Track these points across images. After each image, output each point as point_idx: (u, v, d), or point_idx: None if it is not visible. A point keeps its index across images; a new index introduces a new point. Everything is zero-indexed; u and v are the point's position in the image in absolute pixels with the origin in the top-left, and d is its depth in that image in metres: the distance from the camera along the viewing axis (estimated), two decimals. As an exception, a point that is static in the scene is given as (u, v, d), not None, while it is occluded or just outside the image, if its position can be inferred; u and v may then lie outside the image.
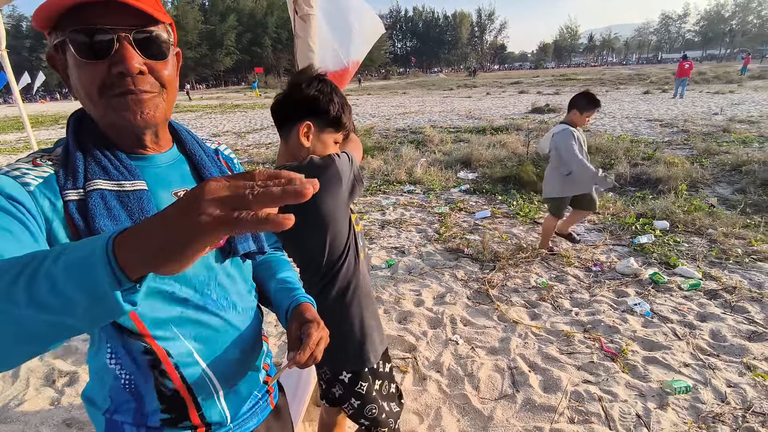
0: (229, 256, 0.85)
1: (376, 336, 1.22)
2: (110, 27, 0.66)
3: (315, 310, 0.92)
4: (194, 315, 0.79)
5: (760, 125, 9.21)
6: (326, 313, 1.20)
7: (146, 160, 0.79)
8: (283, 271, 1.01)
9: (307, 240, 1.11)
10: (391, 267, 3.65)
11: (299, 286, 0.98)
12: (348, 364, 1.21)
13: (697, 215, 4.35)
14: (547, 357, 2.43)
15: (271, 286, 0.98)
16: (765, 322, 2.68)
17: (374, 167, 7.11)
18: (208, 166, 0.86)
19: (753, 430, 1.89)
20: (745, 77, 24.22)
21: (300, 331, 0.85)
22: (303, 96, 1.11)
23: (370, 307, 1.21)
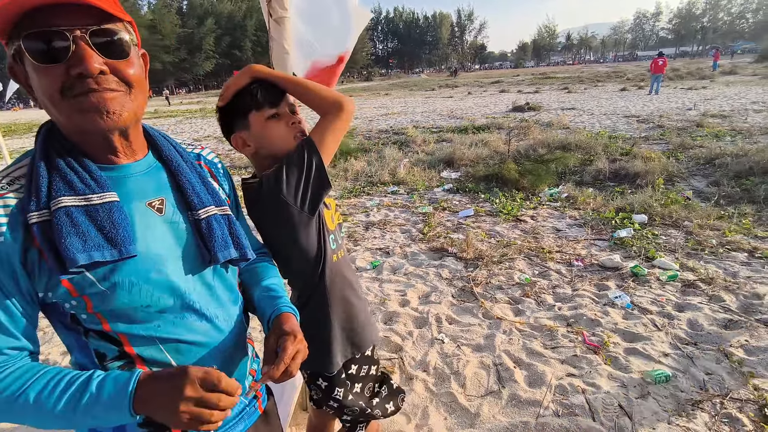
0: (209, 264, 0.82)
1: (356, 338, 1.21)
2: (65, 28, 0.64)
3: (295, 321, 0.90)
4: (173, 326, 0.77)
5: (732, 119, 9.49)
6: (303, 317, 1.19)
7: (118, 170, 0.76)
8: (268, 278, 0.99)
9: (279, 250, 1.09)
10: (376, 268, 3.65)
11: (283, 294, 0.95)
12: (319, 369, 1.20)
13: (673, 208, 4.45)
14: (532, 352, 2.46)
15: (255, 294, 0.96)
16: (740, 310, 2.76)
17: (358, 169, 7.10)
18: (186, 173, 0.84)
19: (731, 416, 1.94)
20: (717, 73, 24.95)
21: (277, 344, 0.83)
22: (219, 117, 1.08)
23: (348, 310, 1.19)
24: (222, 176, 0.96)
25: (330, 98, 1.04)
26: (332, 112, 1.03)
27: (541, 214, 4.70)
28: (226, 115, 1.06)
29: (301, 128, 1.08)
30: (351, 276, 1.22)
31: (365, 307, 1.29)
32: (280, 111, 1.05)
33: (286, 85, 1.06)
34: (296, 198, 0.99)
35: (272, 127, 1.04)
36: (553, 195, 5.32)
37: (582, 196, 5.11)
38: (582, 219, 4.50)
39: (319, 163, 1.00)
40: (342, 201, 5.61)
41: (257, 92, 1.02)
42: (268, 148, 1.06)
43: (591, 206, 4.80)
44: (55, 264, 0.66)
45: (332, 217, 1.17)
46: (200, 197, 0.83)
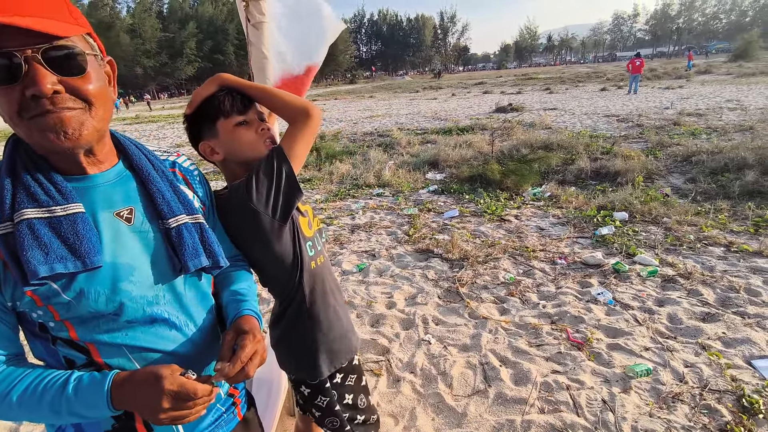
0: (180, 273, 0.82)
1: (338, 344, 1.21)
2: (15, 49, 0.62)
3: (257, 324, 0.88)
4: (141, 335, 0.77)
5: (707, 118, 9.74)
6: (281, 324, 1.18)
7: (85, 180, 0.76)
8: (239, 282, 0.98)
9: (254, 258, 1.09)
10: (363, 271, 3.65)
11: (249, 299, 0.94)
12: (304, 376, 1.20)
13: (653, 205, 4.55)
14: (517, 350, 2.49)
15: (223, 298, 0.95)
16: (717, 303, 2.83)
17: (343, 172, 7.10)
18: (156, 181, 0.83)
19: (710, 407, 1.99)
20: (692, 72, 25.59)
21: (235, 341, 0.81)
22: (186, 125, 1.07)
23: (329, 316, 1.19)
24: (197, 183, 0.95)
25: (297, 105, 1.05)
26: (300, 120, 1.04)
27: (525, 214, 4.76)
28: (194, 123, 1.06)
29: (270, 135, 1.08)
30: (331, 282, 1.22)
31: (346, 312, 1.29)
32: (248, 118, 1.06)
33: (253, 93, 1.07)
34: (267, 206, 0.99)
35: (241, 134, 1.04)
36: (537, 194, 5.40)
37: (564, 194, 5.19)
38: (565, 217, 4.57)
39: (289, 171, 1.00)
40: (327, 204, 5.60)
41: (225, 100, 1.03)
42: (237, 156, 1.06)
43: (573, 205, 4.87)
44: (19, 276, 0.67)
45: (309, 224, 1.17)
46: (170, 206, 0.82)
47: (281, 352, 1.21)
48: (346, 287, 3.38)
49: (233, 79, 1.07)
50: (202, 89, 1.05)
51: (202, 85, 1.07)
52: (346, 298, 3.21)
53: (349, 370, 1.26)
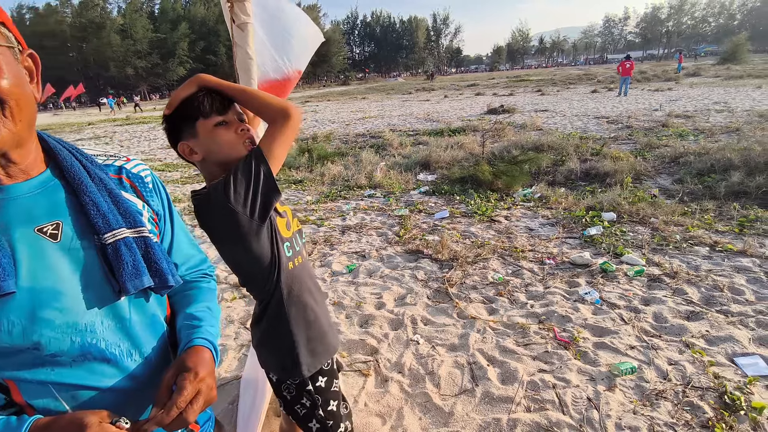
0: (120, 295, 0.72)
1: (317, 344, 1.20)
2: None
3: (207, 356, 0.78)
4: (70, 371, 0.67)
5: (695, 119, 9.87)
6: (261, 325, 1.19)
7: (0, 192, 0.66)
8: (196, 303, 0.88)
9: (231, 259, 1.10)
10: (352, 272, 3.65)
11: (203, 324, 0.84)
12: (285, 376, 1.20)
13: (640, 206, 4.61)
14: (505, 350, 2.51)
15: (177, 323, 0.85)
16: (701, 302, 2.87)
17: (335, 173, 7.10)
18: (91, 190, 0.72)
19: (692, 403, 2.02)
20: (681, 75, 25.92)
21: (174, 381, 0.71)
22: (165, 126, 1.07)
23: (308, 316, 1.19)
24: (150, 191, 0.86)
25: (277, 106, 1.05)
26: (279, 121, 1.04)
27: (515, 214, 4.80)
28: (173, 123, 1.06)
29: (249, 135, 1.08)
30: (310, 283, 1.22)
31: (326, 313, 1.30)
32: (227, 119, 1.06)
33: (233, 94, 1.07)
34: (245, 206, 0.99)
35: (220, 134, 1.04)
36: (527, 195, 5.44)
37: (554, 195, 5.23)
38: (554, 218, 4.61)
39: (267, 171, 1.01)
40: (318, 205, 5.60)
41: (204, 100, 1.03)
42: (216, 156, 1.06)
43: (563, 205, 4.91)
44: None
45: (288, 225, 1.17)
46: (107, 218, 0.72)
47: (262, 352, 1.22)
48: (336, 288, 3.38)
49: (213, 80, 1.08)
50: (182, 90, 1.06)
51: (182, 86, 1.07)
52: (336, 299, 3.21)
53: (332, 374, 1.26)
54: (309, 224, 4.92)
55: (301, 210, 5.46)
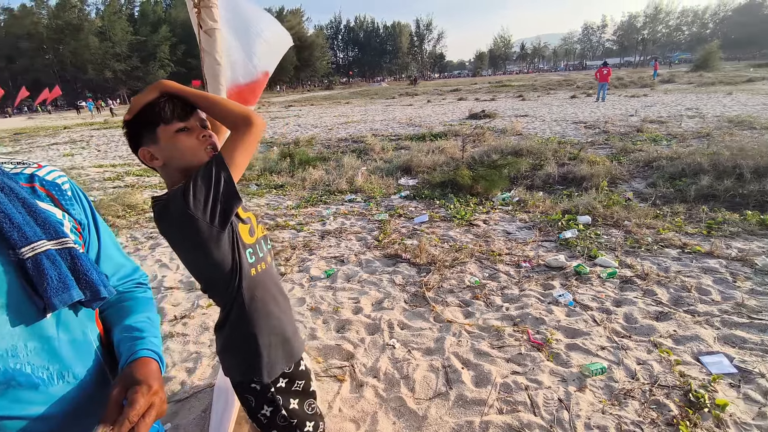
0: (45, 312, 0.67)
1: (280, 351, 1.20)
2: None
3: (155, 368, 0.75)
4: None
5: (668, 125, 10.16)
6: (224, 331, 1.18)
7: None
8: (135, 314, 0.84)
9: (191, 265, 1.10)
10: (331, 276, 3.65)
11: (147, 335, 0.80)
12: (247, 382, 1.20)
13: (615, 209, 4.71)
14: (479, 353, 2.53)
15: (115, 337, 0.80)
16: (670, 302, 2.95)
17: (316, 178, 7.08)
18: (1, 202, 0.67)
19: (659, 402, 2.07)
20: (656, 81, 26.65)
21: (124, 395, 0.67)
22: (126, 131, 1.07)
23: (271, 323, 1.18)
24: (69, 199, 0.81)
25: (239, 113, 1.05)
26: (241, 128, 1.04)
27: (493, 218, 4.85)
28: (133, 128, 1.05)
29: (211, 142, 1.08)
30: (274, 289, 1.22)
31: (290, 319, 1.29)
32: (189, 125, 1.06)
33: (195, 100, 1.07)
34: (205, 213, 0.99)
35: (181, 140, 1.04)
36: (505, 199, 5.51)
37: (532, 199, 5.32)
38: (531, 222, 4.68)
39: (228, 178, 1.01)
40: (298, 210, 5.57)
41: (165, 106, 1.03)
42: (177, 162, 1.06)
43: (540, 209, 4.99)
44: None
45: (251, 231, 1.17)
46: (22, 231, 0.67)
47: (225, 358, 1.21)
48: (314, 293, 3.37)
49: (175, 86, 1.08)
50: (143, 95, 1.05)
51: (143, 92, 1.07)
52: (313, 304, 3.20)
53: (295, 375, 1.26)
54: (289, 229, 4.90)
55: (281, 215, 5.43)
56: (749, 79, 23.24)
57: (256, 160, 8.68)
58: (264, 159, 8.77)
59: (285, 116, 20.49)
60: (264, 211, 5.67)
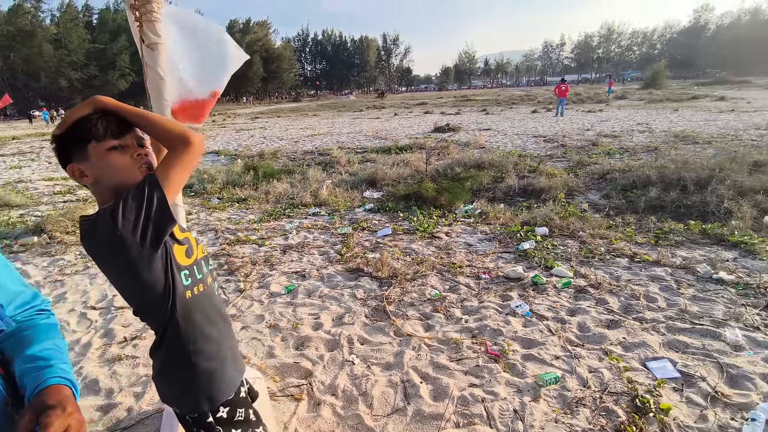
0: None
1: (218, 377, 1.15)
2: None
3: (68, 393, 0.72)
4: None
5: (621, 139, 10.69)
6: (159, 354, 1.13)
7: None
8: (38, 343, 0.79)
9: (119, 286, 1.05)
10: (291, 292, 3.58)
11: (55, 362, 0.77)
12: (185, 411, 1.15)
13: (570, 220, 4.89)
14: (438, 366, 2.54)
15: (17, 369, 0.75)
16: (620, 310, 3.07)
17: (280, 191, 6.99)
18: None
19: (608, 408, 2.14)
20: (611, 97, 28.07)
21: (35, 423, 0.64)
22: (55, 146, 1.02)
23: (209, 348, 1.14)
24: None
25: (177, 132, 1.03)
26: (179, 147, 1.02)
27: (455, 230, 4.93)
28: (63, 144, 1.01)
29: (147, 161, 1.05)
30: (213, 312, 1.17)
31: (231, 343, 1.24)
32: (124, 143, 1.03)
33: (131, 117, 1.04)
34: (134, 233, 0.95)
35: (114, 158, 1.01)
36: (468, 211, 5.61)
37: (493, 211, 5.44)
38: (492, 233, 4.78)
39: (162, 198, 0.98)
40: (261, 224, 5.47)
41: (98, 123, 1.00)
42: (109, 180, 1.02)
43: (500, 221, 5.11)
44: None
45: (188, 252, 1.13)
46: None
47: (160, 383, 1.16)
48: (273, 310, 3.29)
49: (111, 102, 1.05)
50: (76, 110, 1.02)
51: (77, 106, 1.03)
52: (272, 321, 3.13)
53: (236, 403, 1.21)
54: (250, 244, 4.79)
55: (243, 229, 5.31)
56: (694, 97, 24.87)
57: (219, 173, 8.50)
58: (227, 172, 8.59)
59: (250, 128, 20.20)
60: (225, 225, 5.53)
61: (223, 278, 3.94)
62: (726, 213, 4.78)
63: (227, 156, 11.54)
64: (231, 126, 22.28)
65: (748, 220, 4.51)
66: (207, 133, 18.60)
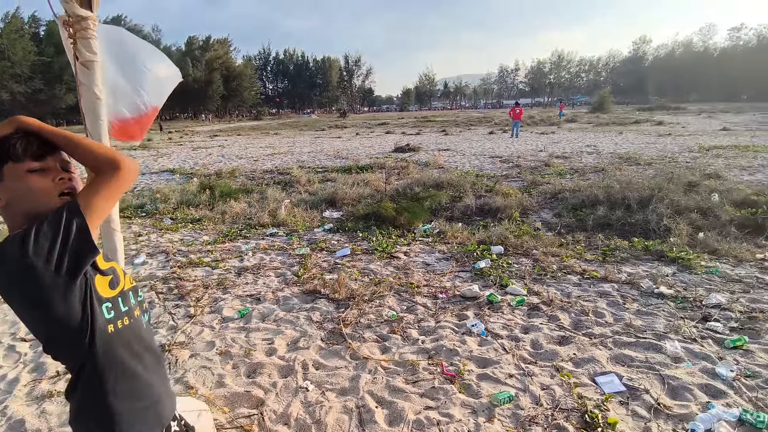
0: None
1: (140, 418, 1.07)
2: None
3: None
4: None
5: (571, 160, 11.24)
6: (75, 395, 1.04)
7: None
8: None
9: (26, 319, 0.97)
10: (245, 317, 3.46)
11: None
12: None
13: (524, 239, 5.04)
14: (394, 389, 2.50)
15: None
16: (571, 326, 3.16)
17: (237, 211, 6.81)
18: None
19: (559, 425, 2.17)
20: (562, 120, 29.62)
21: None
22: None
23: (134, 385, 1.06)
24: None
25: (105, 156, 0.97)
26: (107, 172, 0.96)
27: (414, 250, 4.96)
28: None
29: (69, 185, 0.99)
30: (139, 346, 1.09)
31: (160, 379, 1.15)
32: (46, 165, 0.97)
33: (55, 139, 0.98)
34: (48, 262, 0.88)
35: (33, 181, 0.95)
36: (426, 231, 5.67)
37: (451, 230, 5.52)
38: (449, 252, 4.84)
39: (82, 227, 0.91)
40: (215, 246, 5.29)
41: (18, 143, 0.94)
42: (23, 204, 0.95)
43: (458, 240, 5.19)
44: None
45: (112, 283, 1.06)
46: None
47: (77, 430, 1.06)
48: (225, 336, 3.16)
49: (34, 123, 0.99)
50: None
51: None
52: (223, 348, 2.99)
53: None
54: (202, 266, 4.61)
55: (196, 251, 5.11)
56: (636, 121, 26.64)
57: (173, 192, 8.20)
58: (182, 191, 8.30)
59: (209, 146, 19.72)
60: (177, 247, 5.31)
61: (173, 303, 3.75)
62: (665, 230, 5.09)
63: (183, 175, 11.17)
64: (188, 144, 21.66)
65: (684, 237, 4.82)
66: (162, 150, 17.98)
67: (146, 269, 4.57)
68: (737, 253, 4.40)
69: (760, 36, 78.86)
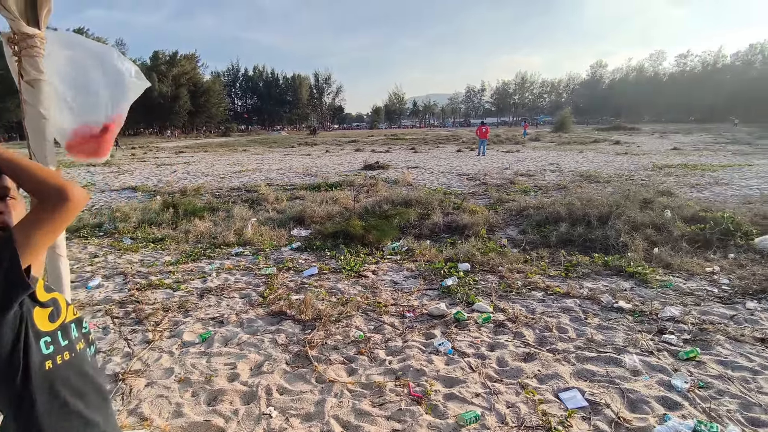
0: None
1: None
2: None
3: None
4: None
5: (535, 178, 11.60)
6: None
7: None
8: None
9: None
10: (206, 341, 3.33)
11: None
12: None
13: (491, 255, 5.12)
14: (360, 413, 2.45)
15: None
16: (536, 343, 3.21)
17: (202, 230, 6.61)
18: None
19: (525, 444, 2.18)
20: (526, 139, 30.67)
21: None
22: None
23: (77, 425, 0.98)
24: None
25: (51, 184, 0.91)
26: (51, 202, 0.90)
27: (382, 268, 4.94)
28: None
29: (1, 220, 0.93)
30: (81, 382, 1.03)
31: (104, 417, 1.08)
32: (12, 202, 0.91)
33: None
34: None
35: None
36: (395, 249, 5.68)
37: (419, 248, 5.55)
38: (417, 270, 4.85)
39: (13, 261, 0.85)
40: (177, 267, 5.10)
41: None
42: None
43: (426, 258, 5.22)
44: None
45: (53, 316, 0.99)
46: None
47: None
48: (184, 361, 3.02)
49: None
50: None
51: None
52: (182, 375, 2.86)
53: None
54: (163, 288, 4.43)
55: (157, 272, 4.91)
56: (595, 140, 27.89)
57: (134, 210, 7.90)
58: (143, 210, 8.01)
59: (173, 163, 19.20)
60: (137, 268, 5.09)
61: (129, 328, 3.57)
62: (623, 246, 5.30)
63: (145, 192, 10.80)
64: (152, 160, 21.02)
65: (640, 252, 5.03)
66: (124, 166, 17.36)
67: (101, 293, 4.35)
68: (688, 266, 4.62)
69: (704, 63, 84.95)
